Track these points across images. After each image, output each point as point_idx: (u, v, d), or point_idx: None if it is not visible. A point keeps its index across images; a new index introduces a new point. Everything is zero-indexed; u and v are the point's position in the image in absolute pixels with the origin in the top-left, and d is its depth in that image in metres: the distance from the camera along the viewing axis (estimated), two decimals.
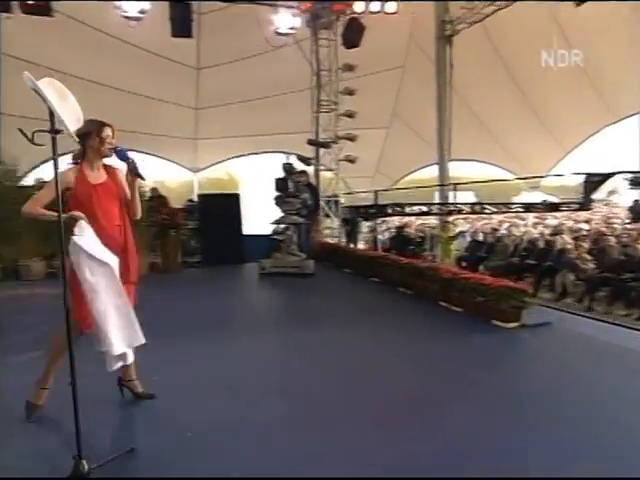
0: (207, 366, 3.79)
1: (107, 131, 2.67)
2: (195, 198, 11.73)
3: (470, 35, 9.25)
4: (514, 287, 4.71)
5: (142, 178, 2.73)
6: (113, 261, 2.48)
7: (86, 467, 2.11)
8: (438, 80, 9.58)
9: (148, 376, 3.49)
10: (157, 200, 10.55)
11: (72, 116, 2.17)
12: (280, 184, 8.03)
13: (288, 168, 8.25)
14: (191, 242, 9.91)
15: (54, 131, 2.06)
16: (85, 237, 2.40)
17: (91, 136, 2.60)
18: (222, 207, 9.53)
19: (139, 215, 2.89)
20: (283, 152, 12.01)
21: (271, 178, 8.33)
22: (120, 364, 2.60)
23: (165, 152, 14.27)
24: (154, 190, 10.99)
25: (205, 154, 14.72)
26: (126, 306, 2.51)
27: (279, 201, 8.27)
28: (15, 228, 7.73)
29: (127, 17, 8.67)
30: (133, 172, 2.70)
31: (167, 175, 15.86)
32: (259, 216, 10.04)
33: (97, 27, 9.40)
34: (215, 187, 14.36)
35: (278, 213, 8.33)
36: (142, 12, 8.71)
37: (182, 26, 9.14)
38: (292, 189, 8.04)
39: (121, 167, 2.78)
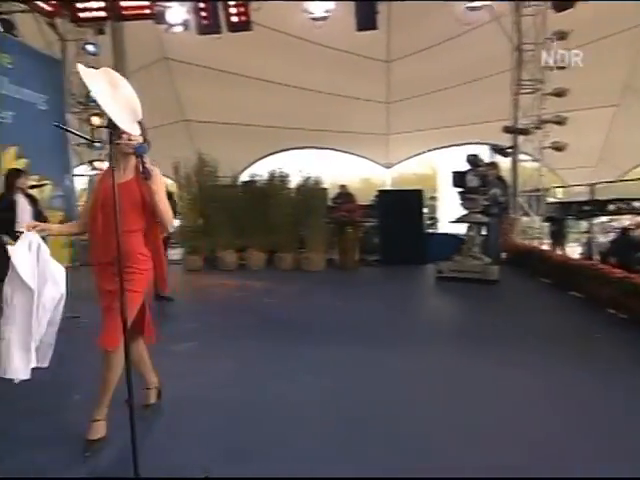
0: (332, 385, 3.38)
1: None
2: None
3: None
4: None
5: (146, 178, 2.35)
6: (42, 289, 2.18)
7: None
8: None
9: (274, 385, 3.34)
10: (344, 197, 10.72)
11: (123, 105, 2.01)
12: (457, 179, 7.11)
13: (472, 160, 7.24)
14: (373, 240, 9.71)
15: (112, 126, 1.94)
16: (20, 250, 2.13)
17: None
18: (403, 203, 9.00)
19: (168, 225, 2.52)
20: (478, 143, 10.96)
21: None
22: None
23: (358, 149, 14.46)
24: (342, 187, 11.20)
25: (398, 149, 14.39)
26: (26, 339, 2.18)
27: (461, 198, 7.36)
28: (215, 223, 8.74)
29: (314, 18, 8.88)
30: (141, 171, 2.34)
31: (362, 172, 16.18)
32: (455, 213, 9.31)
33: (285, 31, 9.92)
34: (415, 183, 13.93)
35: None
36: (327, 11, 8.81)
37: (367, 19, 8.94)
38: (475, 184, 7.03)
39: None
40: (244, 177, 10.42)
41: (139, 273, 2.44)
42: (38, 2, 8.51)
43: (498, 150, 9.29)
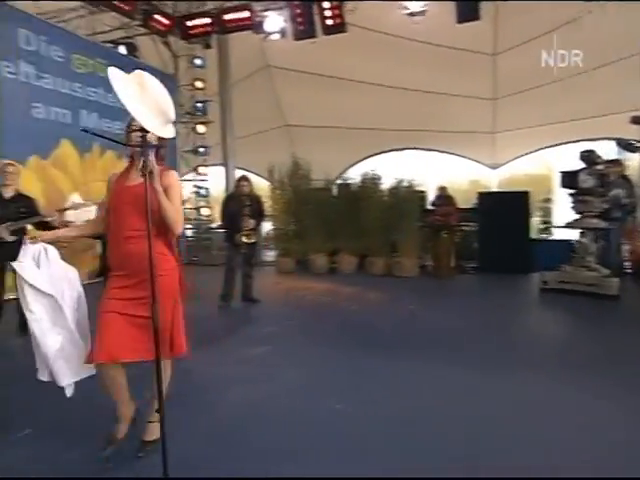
0: (403, 406, 3.13)
1: (135, 121, 2.20)
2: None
3: None
4: None
5: (143, 174, 2.12)
6: (61, 291, 2.20)
7: None
8: None
9: (337, 399, 3.16)
10: (443, 200, 10.16)
11: (152, 107, 1.97)
12: (567, 179, 6.29)
13: (587, 157, 6.36)
14: (472, 245, 9.05)
15: (143, 129, 1.92)
16: (27, 265, 2.13)
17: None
18: (506, 207, 8.27)
19: (175, 228, 2.30)
20: (603, 138, 9.70)
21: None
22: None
23: (461, 149, 13.65)
24: (442, 189, 10.63)
25: (505, 148, 13.30)
26: (73, 337, 2.21)
27: (573, 200, 6.52)
28: (308, 226, 8.81)
29: (411, 14, 8.53)
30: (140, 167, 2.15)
31: (470, 174, 15.24)
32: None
33: (380, 30, 9.64)
34: (527, 184, 12.74)
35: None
36: (425, 5, 8.40)
37: (468, 9, 8.36)
38: (589, 184, 6.16)
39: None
40: (342, 180, 10.39)
41: (160, 275, 2.21)
42: (154, 23, 9.28)
43: (625, 145, 8.11)
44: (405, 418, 2.88)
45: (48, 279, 2.17)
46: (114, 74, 1.93)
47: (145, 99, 1.96)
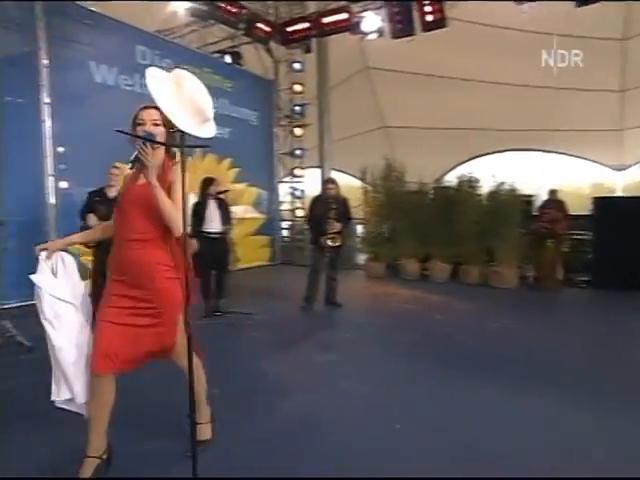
0: (470, 441, 2.83)
1: (141, 115, 2.15)
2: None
3: None
4: None
5: (133, 164, 2.14)
6: (79, 298, 2.17)
7: None
8: None
9: (395, 421, 2.95)
10: (552, 205, 9.23)
11: (187, 106, 1.91)
12: None
13: None
14: (585, 257, 8.05)
15: (179, 131, 1.91)
16: (46, 278, 2.09)
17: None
18: (629, 214, 7.24)
19: (175, 228, 2.08)
20: None
21: None
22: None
23: (580, 149, 12.28)
24: (552, 193, 9.66)
25: (635, 147, 11.68)
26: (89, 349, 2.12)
27: None
28: (400, 230, 8.54)
29: (518, 2, 7.84)
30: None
31: (594, 177, 13.67)
32: None
33: (484, 22, 8.97)
34: None
35: None
36: None
37: None
38: None
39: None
40: (438, 182, 9.93)
41: (157, 289, 2.11)
42: (256, 32, 9.66)
43: None
44: (471, 453, 2.58)
45: (66, 288, 2.13)
46: (151, 74, 1.92)
47: (181, 98, 1.92)
